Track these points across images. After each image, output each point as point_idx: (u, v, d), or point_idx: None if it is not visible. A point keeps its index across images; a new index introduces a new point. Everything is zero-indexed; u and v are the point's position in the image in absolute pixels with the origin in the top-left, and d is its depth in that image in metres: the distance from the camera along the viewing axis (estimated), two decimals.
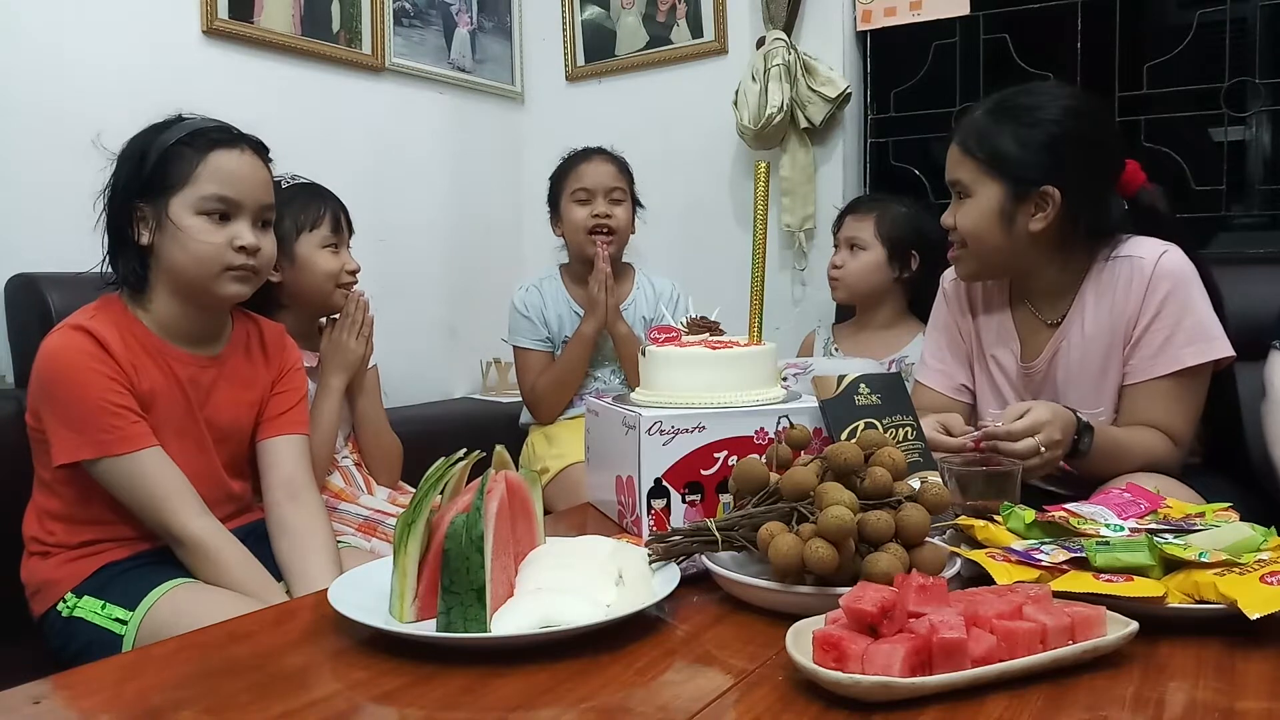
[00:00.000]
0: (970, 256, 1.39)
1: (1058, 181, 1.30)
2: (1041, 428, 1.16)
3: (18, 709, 0.70)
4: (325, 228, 1.55)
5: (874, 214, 1.92)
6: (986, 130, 1.34)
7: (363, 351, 1.59)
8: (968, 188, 1.35)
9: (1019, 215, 1.32)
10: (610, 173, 2.00)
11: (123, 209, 1.21)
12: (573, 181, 2.00)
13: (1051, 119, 1.31)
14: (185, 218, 1.20)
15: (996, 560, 0.87)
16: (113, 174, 1.24)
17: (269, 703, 0.69)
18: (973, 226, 1.35)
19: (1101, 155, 1.35)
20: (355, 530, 1.51)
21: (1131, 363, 1.32)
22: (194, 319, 1.28)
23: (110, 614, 1.18)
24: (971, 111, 1.39)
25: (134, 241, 1.22)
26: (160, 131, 1.23)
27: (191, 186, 1.20)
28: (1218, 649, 0.75)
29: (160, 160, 1.20)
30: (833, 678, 0.66)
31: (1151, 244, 1.33)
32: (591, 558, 0.88)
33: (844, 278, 1.94)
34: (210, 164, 1.21)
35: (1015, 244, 1.34)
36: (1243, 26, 2.04)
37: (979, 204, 1.34)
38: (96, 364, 1.17)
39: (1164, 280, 1.29)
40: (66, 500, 1.23)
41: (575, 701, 0.69)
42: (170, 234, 1.20)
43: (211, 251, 1.21)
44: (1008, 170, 1.31)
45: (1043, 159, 1.30)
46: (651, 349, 1.22)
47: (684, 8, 2.48)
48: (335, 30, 2.20)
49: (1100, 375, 1.34)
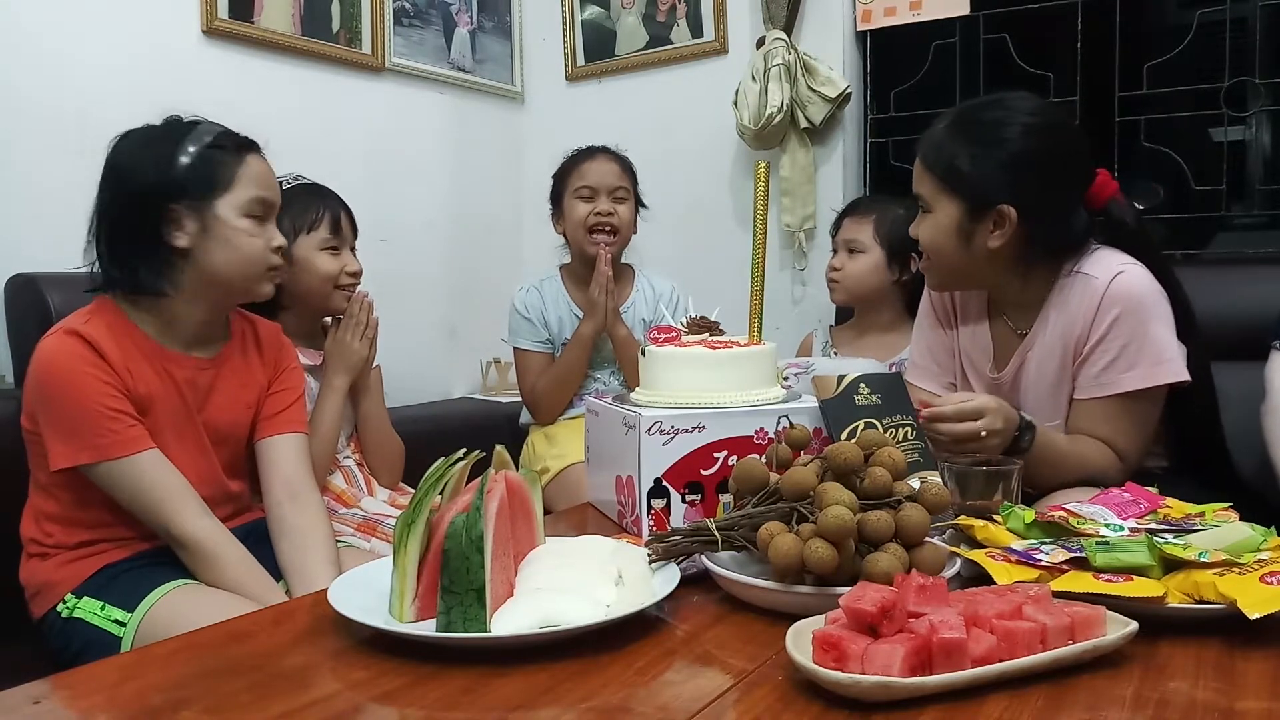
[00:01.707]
0: (934, 269, 1.40)
1: (1013, 200, 1.28)
2: (985, 413, 1.18)
3: (17, 709, 0.70)
4: (324, 229, 1.55)
5: (872, 216, 1.91)
6: (945, 146, 1.33)
7: (366, 353, 1.59)
8: (928, 202, 1.36)
9: (976, 232, 1.32)
10: (614, 171, 1.99)
11: (151, 212, 1.19)
12: (576, 179, 1.99)
13: (1009, 138, 1.30)
14: (235, 219, 1.22)
15: (996, 560, 0.87)
16: (120, 178, 1.21)
17: (269, 703, 0.69)
18: (931, 241, 1.36)
19: (1061, 172, 1.33)
20: (355, 530, 1.51)
21: (1078, 380, 1.32)
22: (206, 321, 1.28)
23: (109, 615, 1.18)
24: (935, 124, 1.37)
25: (165, 244, 1.20)
26: (178, 134, 1.21)
27: (236, 189, 1.22)
28: (1217, 649, 0.75)
29: (200, 163, 1.20)
30: (833, 678, 0.66)
31: (1110, 262, 1.31)
32: (591, 558, 0.88)
33: (843, 280, 1.93)
34: (248, 167, 1.24)
35: (974, 259, 1.34)
36: (1243, 26, 2.04)
37: (938, 219, 1.34)
38: (91, 369, 1.16)
39: (1115, 303, 1.27)
40: (64, 503, 1.23)
41: (575, 701, 0.69)
42: (216, 236, 1.21)
43: (259, 253, 1.25)
44: (964, 188, 1.31)
45: (999, 178, 1.29)
46: (651, 349, 1.22)
47: (684, 8, 2.48)
48: (335, 30, 2.20)
49: (1055, 388, 1.35)
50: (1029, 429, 1.23)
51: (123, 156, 1.22)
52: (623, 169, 2.01)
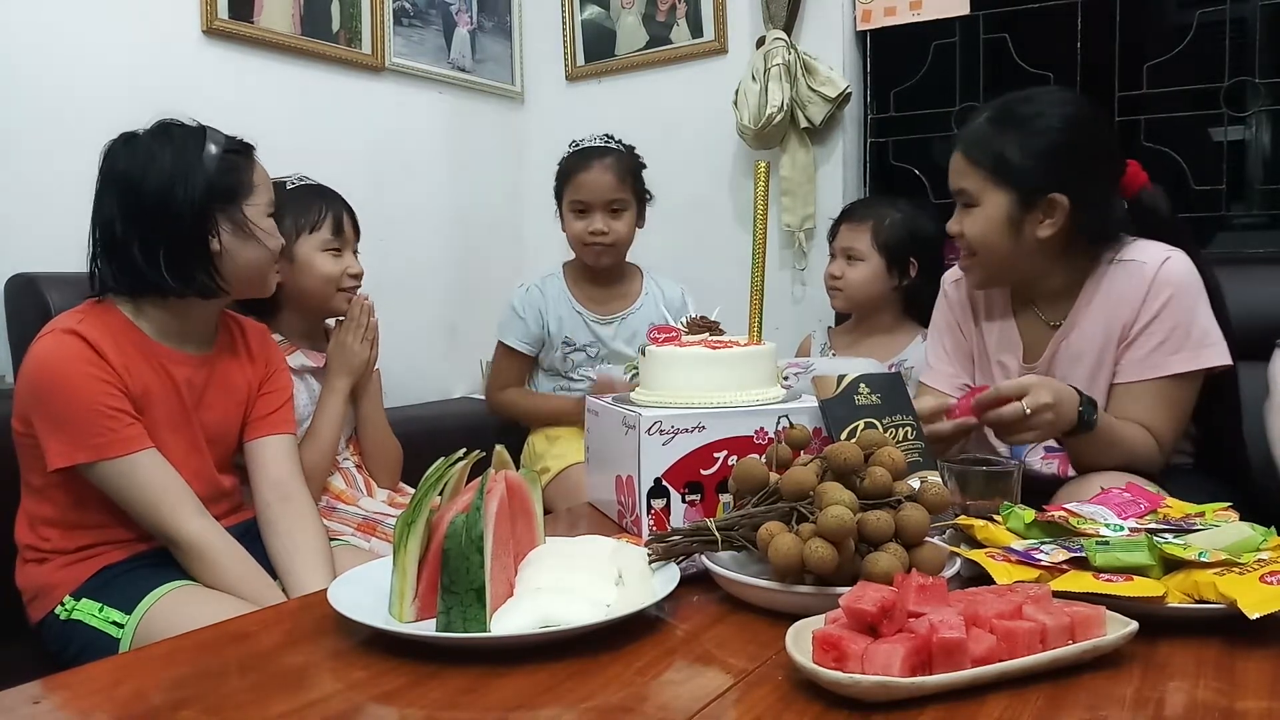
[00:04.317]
0: (980, 266, 1.39)
1: (1064, 188, 1.30)
2: (1028, 390, 1.17)
3: (16, 709, 0.70)
4: (326, 230, 1.54)
5: (869, 222, 1.89)
6: (991, 139, 1.33)
7: (367, 355, 1.59)
8: (974, 197, 1.35)
9: (1026, 223, 1.33)
10: (609, 184, 1.91)
11: (192, 218, 1.21)
12: (571, 190, 1.95)
13: (1055, 126, 1.31)
14: (261, 220, 1.28)
15: (996, 560, 0.87)
16: (136, 186, 1.20)
17: (268, 703, 0.69)
18: (981, 235, 1.36)
19: (1104, 160, 1.36)
20: (354, 530, 1.51)
21: (1121, 363, 1.33)
22: (207, 320, 1.31)
23: (108, 616, 1.18)
24: (973, 119, 1.38)
25: (205, 248, 1.23)
26: (195, 140, 1.23)
27: (255, 193, 1.27)
28: (1217, 649, 0.75)
29: (227, 168, 1.24)
30: (832, 678, 0.66)
31: (1156, 249, 1.33)
32: (591, 558, 0.88)
33: (844, 289, 1.92)
34: (258, 171, 1.29)
35: (1022, 251, 1.34)
36: (1242, 26, 2.04)
37: (986, 213, 1.34)
38: (90, 368, 1.16)
39: (1165, 287, 1.29)
40: (60, 505, 1.23)
41: (575, 701, 0.69)
42: (246, 237, 1.26)
43: (276, 251, 1.31)
44: (1014, 179, 1.31)
45: (1049, 167, 1.30)
46: (651, 349, 1.22)
47: (684, 7, 2.48)
48: (335, 30, 2.20)
49: (1092, 376, 1.35)
50: (1091, 405, 1.21)
51: (134, 164, 1.21)
52: (619, 177, 1.92)
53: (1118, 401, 1.33)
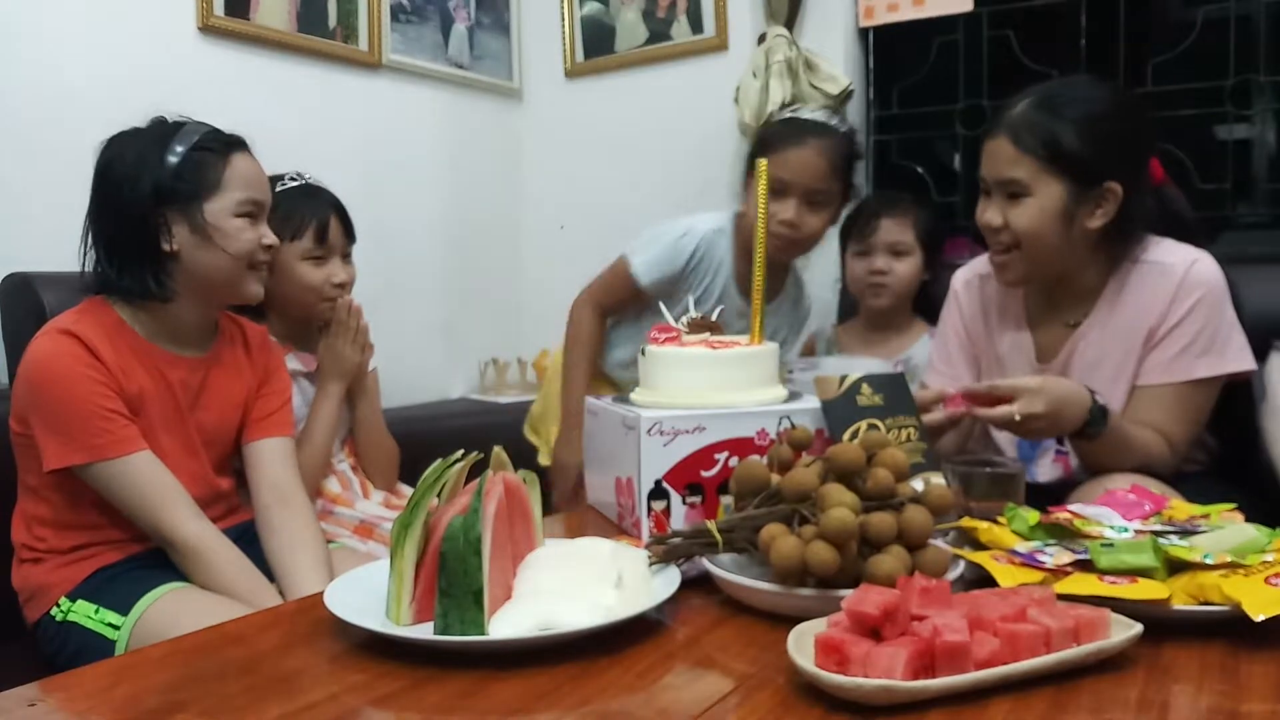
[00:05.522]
0: (1022, 260, 1.32)
1: (1119, 176, 1.26)
2: (1021, 394, 1.15)
3: (12, 711, 0.70)
4: (308, 239, 1.49)
5: (911, 214, 1.86)
6: (1042, 124, 1.27)
7: (359, 358, 1.57)
8: (1026, 186, 1.28)
9: (1079, 214, 1.28)
10: (819, 170, 1.61)
11: (142, 219, 1.19)
12: (773, 165, 1.42)
13: (1109, 112, 1.27)
14: (224, 221, 1.22)
15: (1000, 562, 0.86)
16: (111, 184, 1.20)
17: (265, 705, 0.69)
18: (1033, 227, 1.28)
19: (1151, 148, 1.33)
20: (351, 532, 1.50)
21: (1145, 365, 1.31)
22: (198, 322, 1.28)
23: (103, 618, 1.17)
24: (1013, 107, 1.31)
25: (158, 249, 1.20)
26: (164, 137, 1.21)
27: (224, 192, 1.22)
28: (1222, 651, 0.75)
29: (187, 166, 1.20)
30: (835, 681, 0.65)
31: (1183, 250, 1.31)
32: (591, 560, 0.87)
33: (892, 284, 1.85)
34: (235, 168, 1.23)
35: (1071, 243, 1.30)
36: (1247, 24, 2.03)
37: (1039, 203, 1.28)
38: (86, 369, 1.16)
39: (1194, 289, 1.27)
40: (55, 506, 1.23)
41: (574, 705, 0.68)
42: (204, 239, 1.21)
43: (247, 253, 1.25)
44: (1072, 166, 1.26)
45: (1107, 154, 1.26)
46: (651, 349, 1.21)
47: (684, 3, 2.47)
48: (331, 27, 2.19)
49: (1114, 377, 1.33)
50: (1101, 418, 1.18)
51: (112, 162, 1.21)
52: (833, 164, 1.63)
53: (1136, 403, 1.31)
